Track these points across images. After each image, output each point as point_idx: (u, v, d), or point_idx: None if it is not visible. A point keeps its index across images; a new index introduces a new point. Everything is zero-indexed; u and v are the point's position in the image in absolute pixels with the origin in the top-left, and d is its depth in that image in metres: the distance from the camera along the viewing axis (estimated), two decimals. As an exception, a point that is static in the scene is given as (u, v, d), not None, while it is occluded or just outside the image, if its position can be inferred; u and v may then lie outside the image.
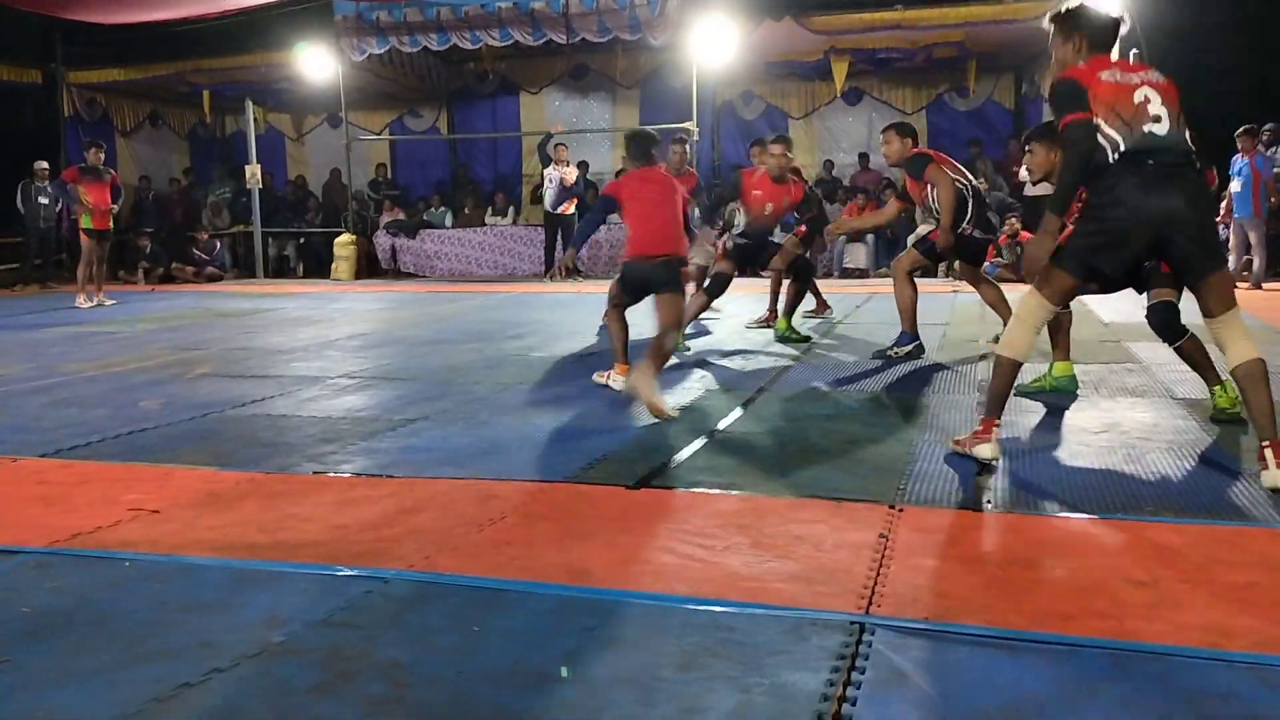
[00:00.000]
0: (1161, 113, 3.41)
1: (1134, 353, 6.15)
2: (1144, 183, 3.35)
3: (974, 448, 3.70)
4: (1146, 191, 3.35)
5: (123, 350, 7.31)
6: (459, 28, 13.45)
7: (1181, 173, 3.39)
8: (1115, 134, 3.39)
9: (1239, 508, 3.14)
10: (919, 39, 13.45)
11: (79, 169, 11.18)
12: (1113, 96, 3.43)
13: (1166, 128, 3.40)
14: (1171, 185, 3.36)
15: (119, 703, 1.97)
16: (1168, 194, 3.35)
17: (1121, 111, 3.41)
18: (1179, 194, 3.36)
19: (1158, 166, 3.36)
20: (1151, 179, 3.35)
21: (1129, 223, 3.39)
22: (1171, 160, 3.38)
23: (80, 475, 3.78)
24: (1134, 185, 3.36)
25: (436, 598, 2.51)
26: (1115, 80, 3.47)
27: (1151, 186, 3.35)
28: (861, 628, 2.26)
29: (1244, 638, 2.19)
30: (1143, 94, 3.43)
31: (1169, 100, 3.46)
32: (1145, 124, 3.40)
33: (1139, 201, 3.35)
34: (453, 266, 14.71)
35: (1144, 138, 3.38)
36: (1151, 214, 3.35)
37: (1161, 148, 3.38)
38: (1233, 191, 10.81)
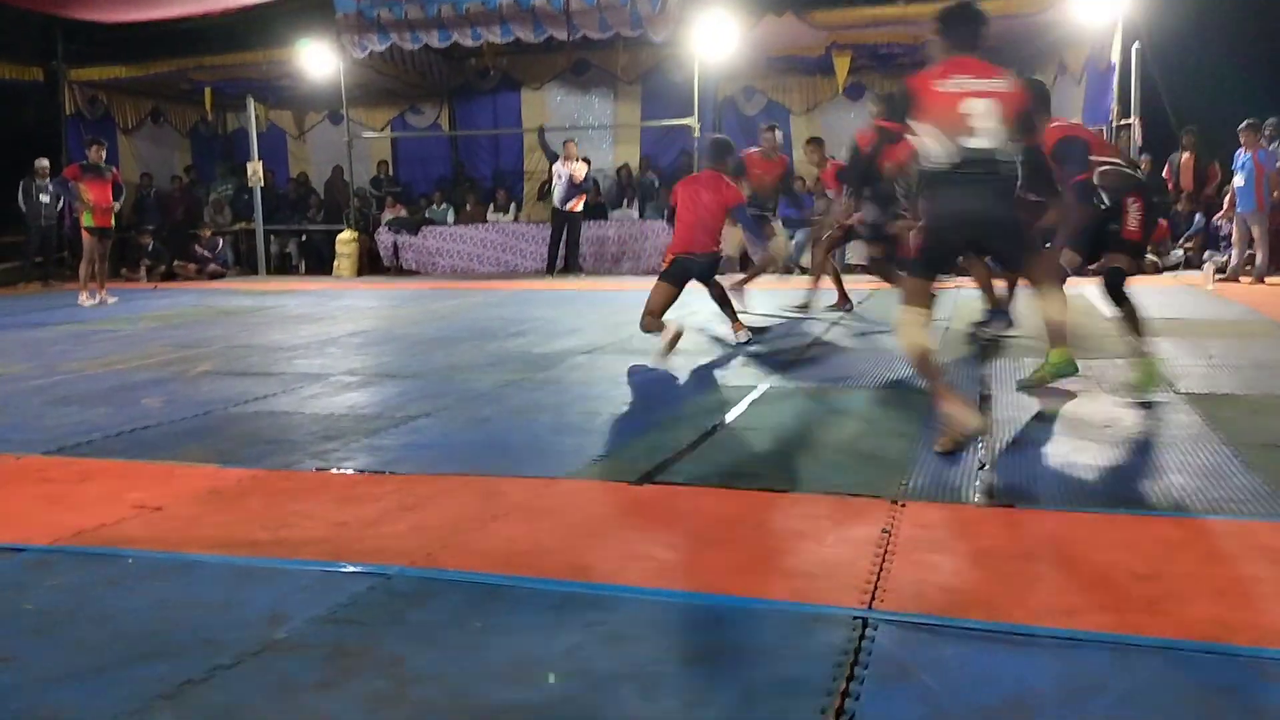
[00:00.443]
0: (988, 124, 3.72)
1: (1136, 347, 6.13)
2: (960, 188, 3.75)
3: (955, 429, 3.77)
4: (958, 197, 3.76)
5: (125, 348, 7.31)
6: (460, 24, 13.42)
7: (985, 179, 3.74)
8: (940, 141, 3.76)
9: (1242, 501, 3.13)
10: (921, 34, 13.36)
11: (80, 166, 11.17)
12: (939, 105, 3.76)
13: (989, 139, 3.72)
14: (978, 190, 3.73)
15: (122, 700, 1.97)
16: (974, 199, 3.74)
17: (946, 120, 3.74)
18: (984, 199, 3.74)
19: (968, 175, 3.72)
20: (966, 185, 3.73)
21: (948, 224, 3.83)
22: (986, 168, 3.73)
23: (83, 473, 3.78)
24: (953, 190, 3.77)
25: (439, 594, 2.51)
26: (947, 89, 3.78)
27: (966, 191, 3.74)
28: (864, 623, 2.26)
29: (1247, 632, 2.18)
30: (970, 104, 3.73)
31: (1008, 109, 3.76)
32: (966, 134, 3.72)
33: (950, 207, 3.79)
34: (455, 263, 14.70)
35: (964, 148, 3.73)
36: (961, 217, 3.79)
37: (979, 157, 3.72)
38: (1235, 186, 10.78)
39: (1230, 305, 8.41)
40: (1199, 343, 6.29)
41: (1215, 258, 11.26)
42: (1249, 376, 5.15)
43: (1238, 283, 10.39)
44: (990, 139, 3.73)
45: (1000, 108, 3.75)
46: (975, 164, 3.72)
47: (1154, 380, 4.63)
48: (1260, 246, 10.63)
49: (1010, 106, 3.79)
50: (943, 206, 3.82)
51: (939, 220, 3.86)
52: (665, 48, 13.97)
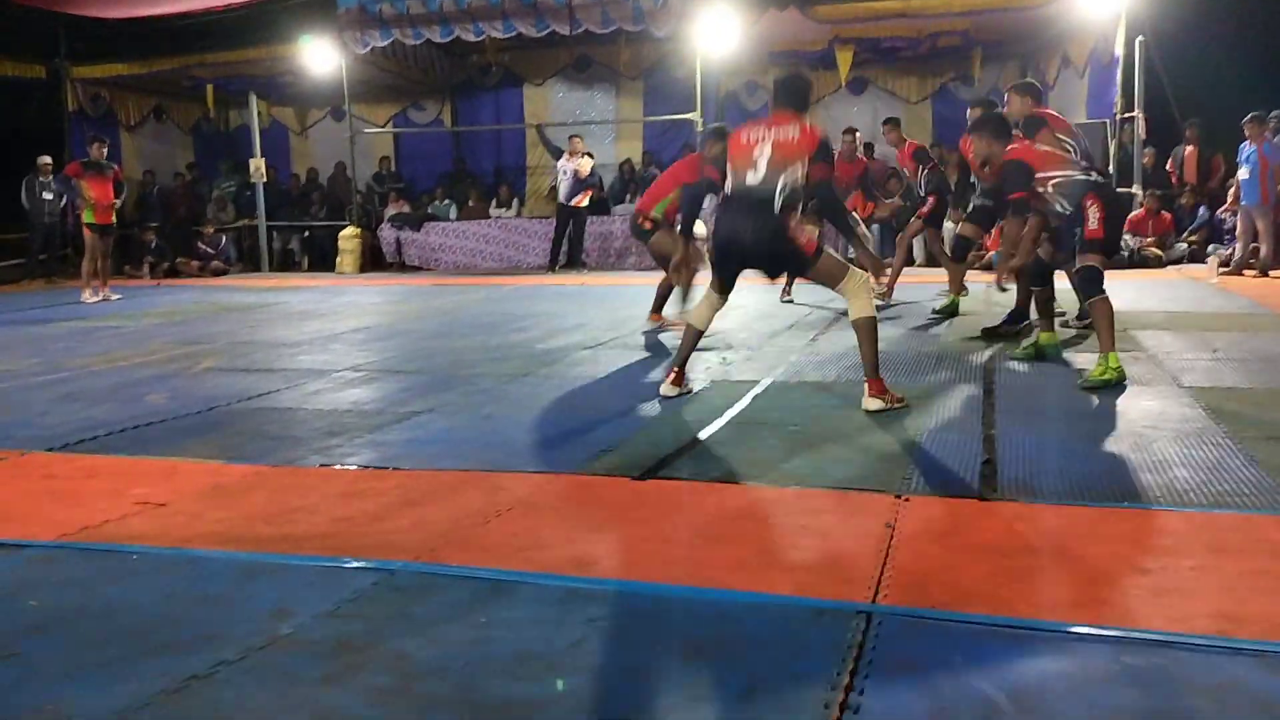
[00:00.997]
0: (762, 165, 4.45)
1: (1140, 341, 6.13)
2: (731, 216, 4.56)
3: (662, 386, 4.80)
4: (731, 223, 4.55)
5: (128, 344, 7.32)
6: (462, 20, 13.40)
7: (755, 210, 4.45)
8: (729, 180, 4.57)
9: (1246, 495, 3.13)
10: (923, 28, 13.39)
11: (82, 164, 11.18)
12: (734, 152, 4.58)
13: (759, 177, 4.44)
14: (748, 218, 4.48)
15: (127, 696, 1.98)
16: (744, 225, 4.50)
17: (735, 163, 4.56)
18: (750, 226, 4.47)
19: (740, 205, 4.51)
20: (736, 214, 4.53)
21: (722, 244, 4.64)
22: (755, 201, 4.45)
23: (87, 469, 3.79)
24: (726, 218, 4.58)
25: (443, 589, 2.51)
26: (744, 139, 4.57)
27: (734, 219, 4.54)
28: (868, 617, 2.26)
29: (1252, 625, 2.18)
30: (756, 151, 4.48)
31: (782, 153, 4.44)
32: (745, 173, 4.48)
33: (726, 230, 4.58)
34: (457, 259, 14.70)
35: (741, 184, 4.51)
36: (732, 239, 4.56)
37: (749, 192, 4.47)
38: (1240, 179, 10.75)
39: (1234, 298, 8.39)
40: (1203, 336, 6.27)
41: (1219, 251, 11.23)
42: (1253, 370, 5.14)
43: (1242, 276, 10.36)
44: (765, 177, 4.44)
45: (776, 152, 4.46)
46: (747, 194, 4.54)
47: (1110, 375, 4.80)
48: (1265, 239, 10.59)
49: (786, 151, 4.47)
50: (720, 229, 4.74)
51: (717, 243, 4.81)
52: (667, 42, 13.94)
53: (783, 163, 4.43)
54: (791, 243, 4.48)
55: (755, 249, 4.52)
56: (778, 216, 4.41)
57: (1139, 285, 8.04)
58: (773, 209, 4.41)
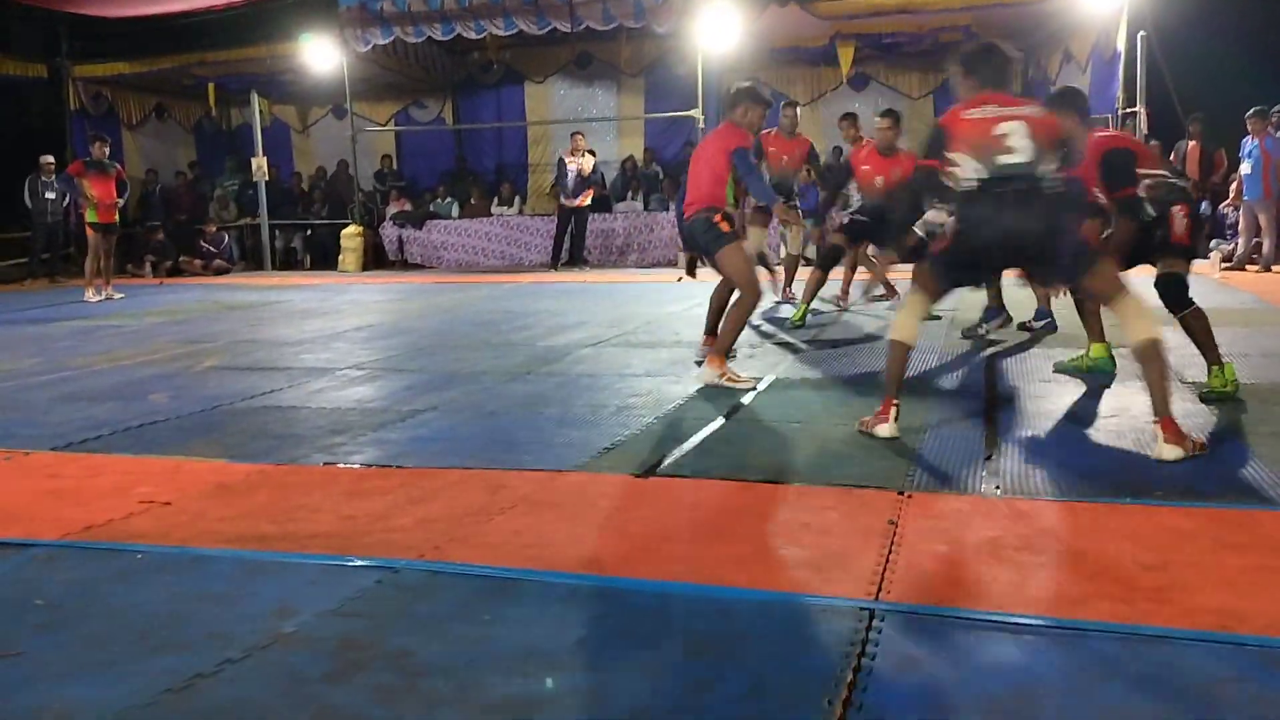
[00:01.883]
0: (1024, 145, 3.63)
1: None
2: (999, 208, 3.63)
3: (874, 428, 3.90)
4: (1002, 216, 3.63)
5: (131, 344, 7.33)
6: (463, 17, 13.40)
7: (1033, 198, 3.63)
8: (976, 166, 3.67)
9: (1249, 491, 3.13)
10: (925, 23, 13.37)
11: (84, 163, 11.19)
12: (973, 133, 3.69)
13: (1024, 159, 3.62)
14: (1025, 209, 3.61)
15: (132, 694, 1.98)
16: (1020, 217, 3.62)
17: (980, 145, 3.67)
18: (1030, 217, 3.62)
19: (1013, 193, 3.61)
20: (1007, 204, 3.62)
21: (988, 244, 3.72)
22: (1027, 187, 3.62)
23: (91, 468, 3.80)
24: (992, 210, 3.65)
25: (447, 587, 2.52)
26: (978, 117, 3.72)
27: (1007, 211, 3.62)
28: (871, 614, 2.26)
29: (1254, 621, 2.18)
30: (1004, 128, 3.65)
31: (1041, 134, 3.67)
32: (1001, 155, 3.64)
33: (996, 224, 3.66)
34: (459, 257, 14.70)
35: (998, 167, 3.64)
36: (1006, 236, 3.65)
37: (1016, 177, 3.62)
38: (1242, 174, 10.74)
39: (1237, 294, 8.38)
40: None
41: (1222, 246, 11.22)
42: (1256, 365, 5.14)
43: (1244, 271, 10.35)
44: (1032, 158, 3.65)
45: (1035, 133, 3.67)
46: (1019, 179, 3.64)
47: (1230, 385, 4.41)
48: (1267, 234, 10.59)
49: (1044, 131, 3.70)
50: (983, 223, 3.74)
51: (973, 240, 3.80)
52: (668, 39, 13.93)
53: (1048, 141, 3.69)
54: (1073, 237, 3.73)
55: (1028, 246, 3.70)
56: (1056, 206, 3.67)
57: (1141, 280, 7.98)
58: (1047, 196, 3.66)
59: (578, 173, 13.18)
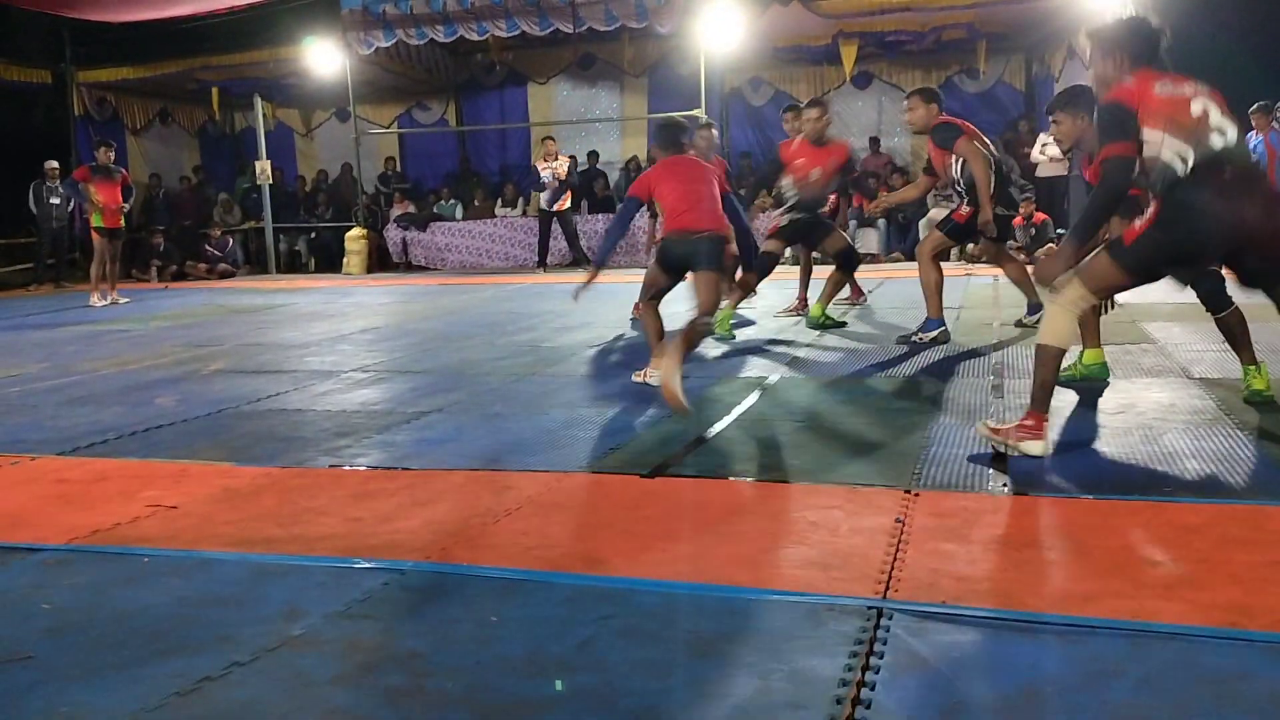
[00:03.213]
0: (1224, 123, 3.34)
1: (1149, 333, 6.11)
2: (1220, 193, 3.26)
3: (1021, 442, 3.49)
4: (1225, 202, 3.27)
5: (137, 348, 7.34)
6: (465, 19, 13.43)
7: (1254, 182, 3.30)
8: (1181, 146, 3.30)
9: (1257, 487, 3.12)
10: (928, 21, 13.36)
11: (89, 168, 11.22)
12: (1170, 110, 3.33)
13: (1233, 137, 3.33)
14: (1248, 194, 3.28)
15: (140, 698, 1.98)
16: (1244, 203, 3.27)
17: (1183, 124, 3.31)
18: (1254, 203, 3.28)
19: (1232, 177, 3.27)
20: (1228, 189, 3.26)
21: (1210, 234, 3.32)
22: (1244, 170, 3.29)
23: (98, 472, 3.80)
24: (1211, 196, 3.27)
25: (453, 589, 2.52)
26: (1170, 93, 3.36)
27: (1229, 196, 3.26)
28: (879, 612, 2.26)
29: (1264, 617, 2.17)
30: (1200, 105, 3.36)
31: (1224, 109, 3.38)
32: (1210, 135, 3.31)
33: (1219, 212, 3.27)
34: (464, 259, 14.72)
35: (1211, 149, 3.30)
36: (1231, 224, 3.28)
37: (1232, 158, 3.30)
38: (1247, 169, 10.71)
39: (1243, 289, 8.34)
40: (1212, 328, 6.23)
41: (1227, 242, 11.16)
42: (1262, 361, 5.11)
43: None
44: (1239, 139, 3.40)
45: (1224, 110, 3.41)
46: (1236, 161, 3.36)
47: (1267, 385, 4.31)
48: (1273, 230, 10.54)
49: (1225, 108, 3.41)
50: (1212, 211, 3.35)
51: (1201, 231, 3.41)
52: (671, 39, 13.94)
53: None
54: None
55: (1265, 237, 3.38)
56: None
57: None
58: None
59: (554, 178, 13.12)
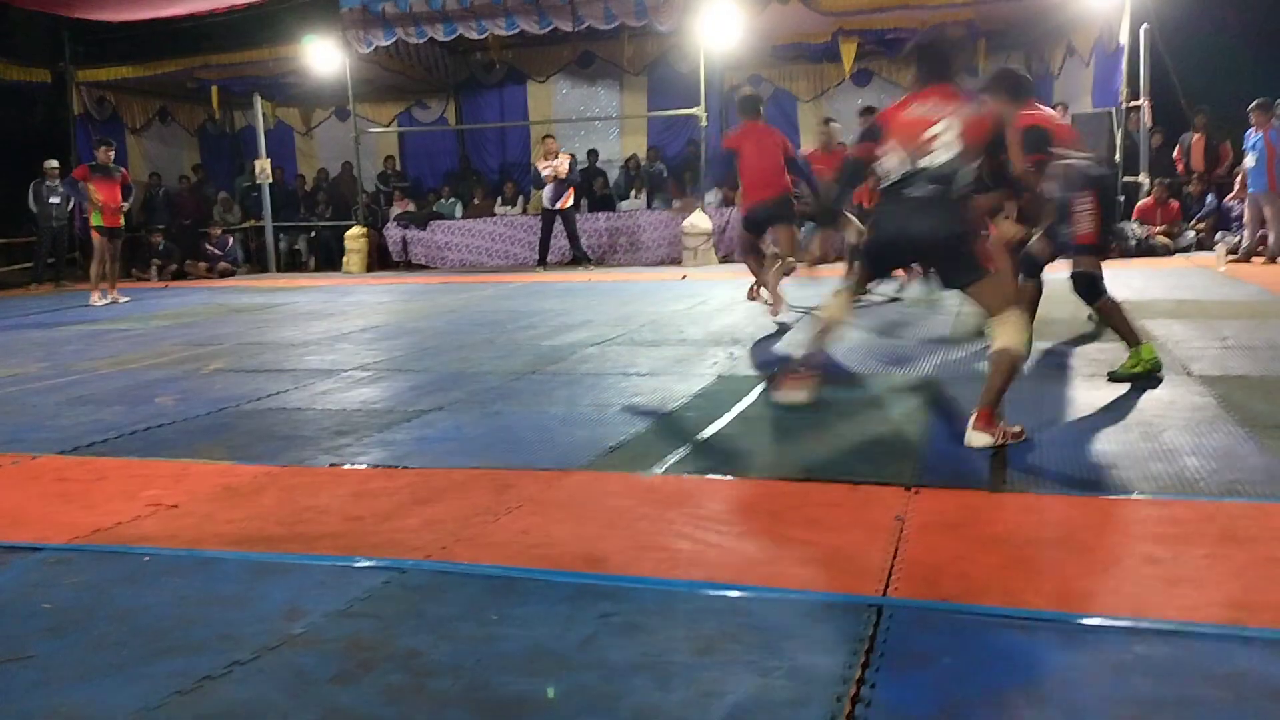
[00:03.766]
0: (953, 145, 3.61)
1: (1149, 329, 6.10)
2: (898, 206, 3.70)
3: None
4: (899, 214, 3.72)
5: (137, 347, 7.34)
6: (465, 18, 13.41)
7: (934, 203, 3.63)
8: (899, 160, 3.69)
9: (1257, 483, 3.12)
10: (927, 18, 13.34)
11: (89, 167, 11.22)
12: (906, 129, 3.69)
13: (943, 158, 3.62)
14: (922, 212, 3.64)
15: (141, 697, 1.98)
16: (915, 219, 3.67)
17: (909, 141, 3.67)
18: (925, 220, 3.65)
19: (917, 194, 3.65)
20: (906, 204, 3.67)
21: (881, 239, 3.86)
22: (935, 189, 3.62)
23: (98, 472, 3.81)
24: (891, 207, 3.74)
25: (454, 587, 2.52)
26: (916, 116, 3.70)
27: (904, 210, 3.69)
28: (879, 610, 2.26)
29: (1264, 614, 2.18)
30: (941, 127, 3.63)
31: (973, 132, 3.65)
32: (927, 155, 3.63)
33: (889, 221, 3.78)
34: (463, 257, 14.71)
35: (917, 167, 3.64)
36: (896, 235, 3.77)
37: (934, 177, 3.62)
38: (1247, 166, 10.70)
39: (1243, 286, 8.36)
40: (1212, 324, 6.25)
41: (1227, 238, 11.18)
42: (1263, 358, 5.12)
43: (1250, 263, 10.32)
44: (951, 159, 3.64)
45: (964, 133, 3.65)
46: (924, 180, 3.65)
47: (1144, 364, 4.61)
48: (1272, 226, 10.55)
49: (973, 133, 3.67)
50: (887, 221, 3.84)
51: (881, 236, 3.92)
52: (670, 37, 13.93)
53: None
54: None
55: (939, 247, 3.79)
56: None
57: (1147, 273, 8.03)
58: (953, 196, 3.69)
59: (554, 176, 13.05)
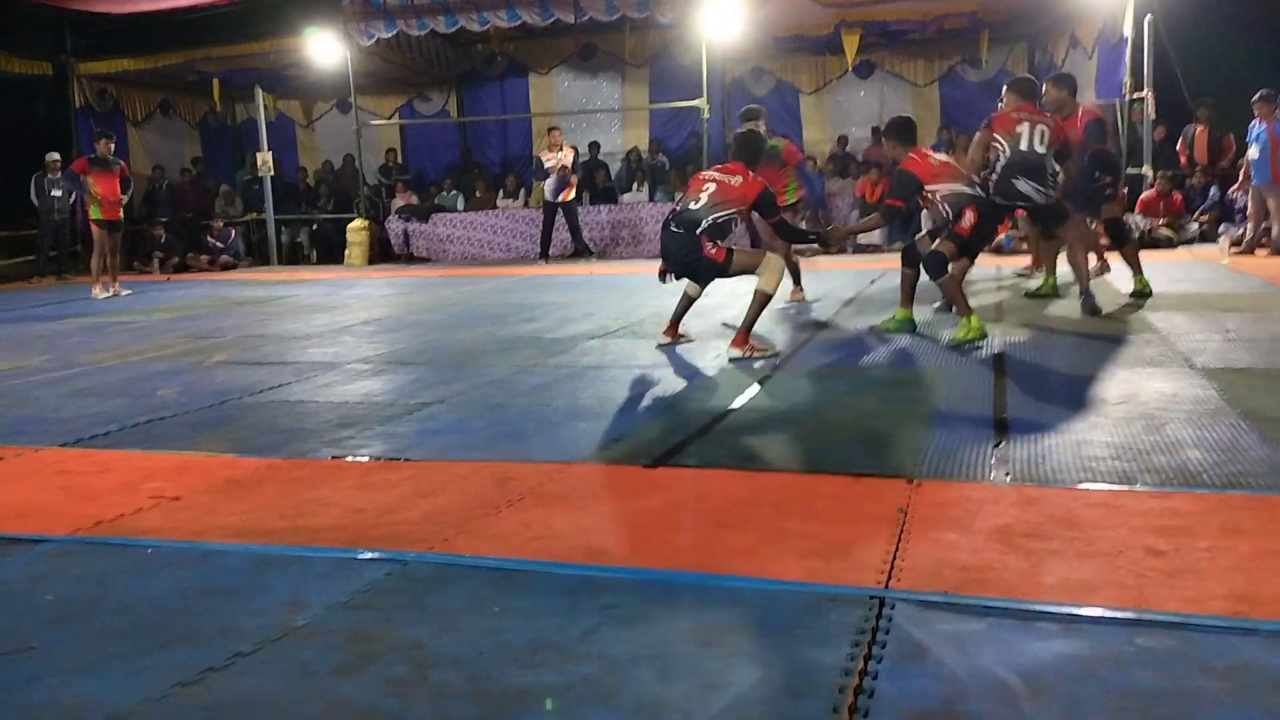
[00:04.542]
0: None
1: (1152, 322, 6.10)
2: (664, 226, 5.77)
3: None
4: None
5: (139, 340, 7.35)
6: (466, 10, 13.38)
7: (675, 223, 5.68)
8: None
9: (1259, 476, 3.11)
10: (930, 10, 13.32)
11: (88, 160, 11.22)
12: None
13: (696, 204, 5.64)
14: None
15: (143, 688, 1.99)
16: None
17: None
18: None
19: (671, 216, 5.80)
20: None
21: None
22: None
23: (101, 464, 3.81)
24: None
25: (456, 579, 2.52)
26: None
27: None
28: (881, 602, 2.26)
29: (1266, 606, 2.17)
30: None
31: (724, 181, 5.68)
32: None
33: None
34: (465, 250, 14.70)
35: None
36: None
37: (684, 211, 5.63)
38: (1250, 158, 10.67)
39: (1246, 278, 8.35)
40: (1215, 317, 6.24)
41: (1230, 231, 11.15)
42: (1266, 350, 5.12)
43: (1253, 256, 10.30)
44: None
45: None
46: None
47: (973, 333, 5.59)
48: (1276, 218, 10.52)
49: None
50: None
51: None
52: (672, 29, 13.91)
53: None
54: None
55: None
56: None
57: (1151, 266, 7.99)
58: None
59: (559, 167, 12.98)
